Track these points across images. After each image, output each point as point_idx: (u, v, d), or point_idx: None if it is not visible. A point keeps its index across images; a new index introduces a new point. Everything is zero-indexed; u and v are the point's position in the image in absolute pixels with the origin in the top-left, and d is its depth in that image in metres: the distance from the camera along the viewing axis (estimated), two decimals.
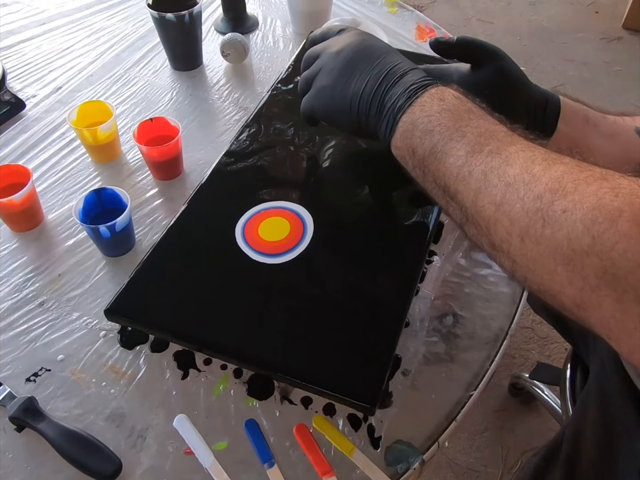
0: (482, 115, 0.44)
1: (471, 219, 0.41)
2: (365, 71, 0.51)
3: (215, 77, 0.88)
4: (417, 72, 0.49)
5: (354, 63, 0.52)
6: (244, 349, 0.52)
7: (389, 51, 0.52)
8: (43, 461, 0.49)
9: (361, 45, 0.52)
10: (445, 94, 0.46)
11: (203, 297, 0.56)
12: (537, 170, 0.37)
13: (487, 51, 0.56)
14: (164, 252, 0.59)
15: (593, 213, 0.32)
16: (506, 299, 0.61)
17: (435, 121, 0.44)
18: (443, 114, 0.44)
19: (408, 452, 0.50)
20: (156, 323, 0.55)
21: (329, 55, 0.54)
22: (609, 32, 2.30)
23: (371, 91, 0.50)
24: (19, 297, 0.60)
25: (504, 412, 1.24)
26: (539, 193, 0.35)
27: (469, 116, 0.44)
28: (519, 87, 0.56)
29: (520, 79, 0.56)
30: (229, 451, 0.50)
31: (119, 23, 0.98)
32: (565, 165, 0.36)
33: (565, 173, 0.35)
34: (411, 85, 0.47)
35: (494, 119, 0.44)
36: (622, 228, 0.31)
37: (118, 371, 0.55)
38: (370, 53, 0.51)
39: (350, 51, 0.52)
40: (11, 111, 0.80)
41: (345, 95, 0.52)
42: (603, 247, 0.31)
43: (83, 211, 0.62)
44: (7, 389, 0.53)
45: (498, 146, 0.40)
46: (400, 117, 0.47)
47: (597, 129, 0.55)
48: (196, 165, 0.74)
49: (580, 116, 0.56)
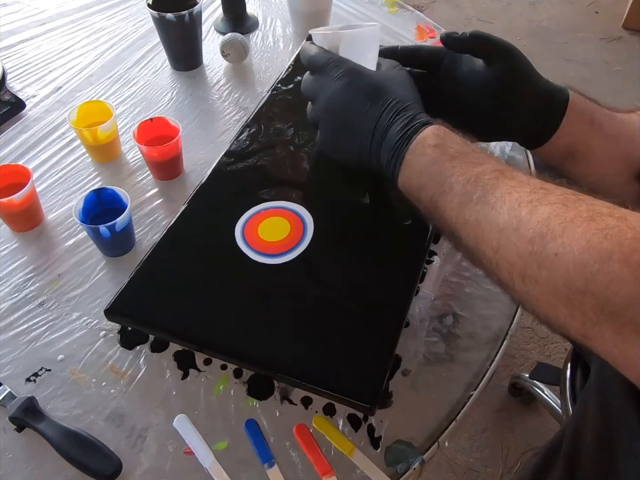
0: (465, 157, 0.46)
1: (478, 260, 0.43)
2: (356, 128, 0.52)
3: (215, 77, 0.88)
4: (401, 118, 0.50)
5: (344, 122, 0.53)
6: (244, 348, 0.52)
7: (374, 90, 0.52)
8: (43, 460, 0.49)
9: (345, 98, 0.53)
10: (426, 148, 0.47)
11: (203, 297, 0.56)
12: (523, 214, 0.38)
13: (499, 49, 0.55)
14: (164, 252, 0.59)
15: (584, 255, 0.33)
16: (506, 299, 0.61)
17: (425, 177, 0.47)
18: (429, 169, 0.46)
19: (408, 452, 0.50)
20: (156, 323, 0.55)
21: (320, 108, 0.55)
22: (609, 32, 2.29)
23: (366, 151, 0.52)
24: (18, 297, 0.60)
25: (504, 412, 1.24)
26: (529, 238, 0.37)
27: (452, 164, 0.45)
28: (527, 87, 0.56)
29: (529, 78, 0.56)
30: (229, 451, 0.50)
31: (118, 22, 0.98)
32: (551, 206, 0.37)
33: (552, 215, 0.37)
34: (395, 143, 0.49)
35: (478, 154, 0.46)
36: (613, 269, 0.32)
37: (118, 371, 0.55)
38: (355, 105, 0.52)
39: (337, 107, 0.53)
40: (11, 111, 0.80)
41: (345, 152, 0.55)
42: (597, 287, 0.32)
43: (83, 211, 0.62)
44: (7, 389, 0.53)
45: (484, 193, 0.42)
46: (396, 175, 0.50)
47: (602, 131, 0.55)
48: (196, 164, 0.74)
49: (585, 116, 0.56)
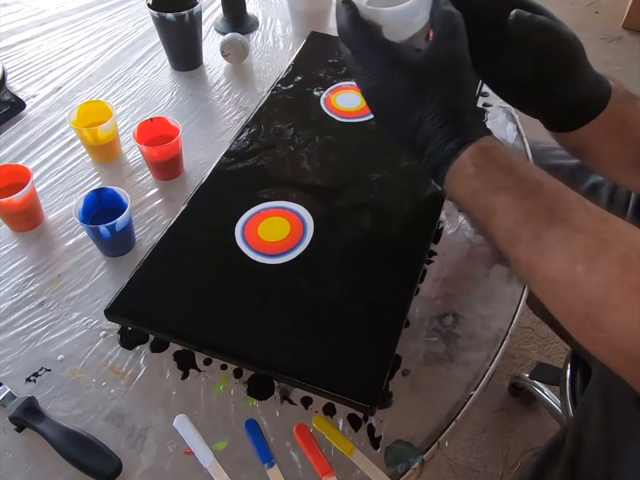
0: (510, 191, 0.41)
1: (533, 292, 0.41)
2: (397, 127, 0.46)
3: (215, 77, 0.88)
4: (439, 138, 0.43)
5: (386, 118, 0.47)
6: (244, 349, 0.52)
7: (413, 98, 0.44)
8: (43, 460, 0.49)
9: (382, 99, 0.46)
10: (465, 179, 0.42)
11: (203, 297, 0.56)
12: (579, 271, 0.35)
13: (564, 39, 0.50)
14: (164, 252, 0.59)
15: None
16: (506, 299, 0.61)
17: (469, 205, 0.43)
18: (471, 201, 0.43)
19: (408, 452, 0.50)
20: (156, 323, 0.55)
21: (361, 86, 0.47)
22: (609, 32, 2.29)
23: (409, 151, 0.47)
24: (18, 297, 0.60)
25: (504, 412, 1.24)
26: (586, 300, 0.35)
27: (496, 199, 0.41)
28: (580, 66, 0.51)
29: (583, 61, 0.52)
30: (229, 451, 0.50)
31: (119, 22, 0.98)
32: (609, 266, 0.34)
33: (611, 279, 0.34)
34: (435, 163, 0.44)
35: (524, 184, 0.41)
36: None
37: (118, 371, 0.55)
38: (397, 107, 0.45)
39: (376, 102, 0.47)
40: (11, 111, 0.80)
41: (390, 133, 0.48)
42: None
43: (83, 211, 0.62)
44: (7, 389, 0.53)
45: (535, 237, 0.38)
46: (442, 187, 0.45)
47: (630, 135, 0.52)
48: (196, 164, 0.74)
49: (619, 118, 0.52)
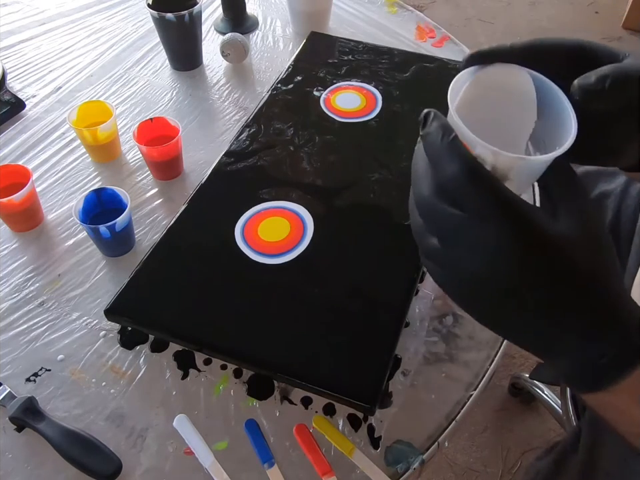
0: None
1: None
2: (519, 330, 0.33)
3: (215, 77, 0.88)
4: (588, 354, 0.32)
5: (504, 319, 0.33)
6: (244, 348, 0.52)
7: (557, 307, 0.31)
8: (43, 460, 0.49)
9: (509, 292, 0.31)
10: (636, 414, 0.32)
11: (203, 297, 0.56)
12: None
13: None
14: (164, 252, 0.59)
15: None
16: None
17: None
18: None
19: (408, 452, 0.50)
20: (156, 323, 0.55)
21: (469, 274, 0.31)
22: (609, 32, 2.29)
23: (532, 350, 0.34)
24: (18, 297, 0.60)
25: (504, 412, 1.24)
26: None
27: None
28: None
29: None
30: (228, 451, 0.50)
31: (118, 22, 0.98)
32: None
33: None
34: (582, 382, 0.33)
35: None
36: None
37: (118, 371, 0.55)
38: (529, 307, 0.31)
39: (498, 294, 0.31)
40: (11, 111, 0.80)
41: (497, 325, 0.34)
42: None
43: (83, 211, 0.62)
44: (7, 389, 0.53)
45: None
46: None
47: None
48: (196, 164, 0.74)
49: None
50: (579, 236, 0.30)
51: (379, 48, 0.85)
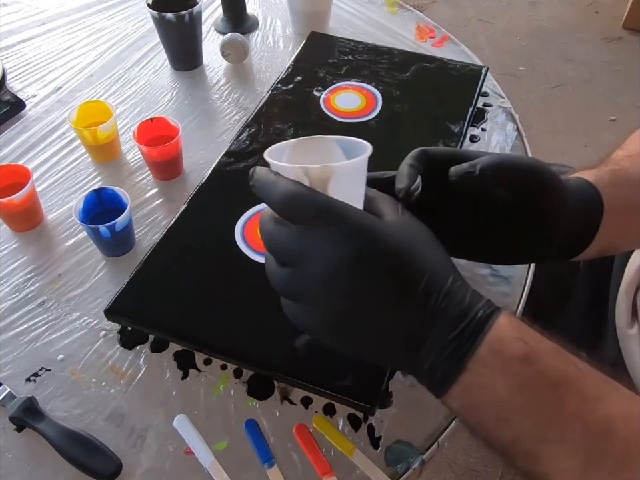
0: (573, 384, 0.31)
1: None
2: (376, 317, 0.34)
3: (215, 77, 0.88)
4: (451, 303, 0.33)
5: (355, 307, 0.34)
6: (244, 348, 0.52)
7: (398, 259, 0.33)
8: (43, 461, 0.49)
9: (357, 272, 0.33)
10: (505, 355, 0.32)
11: (203, 297, 0.56)
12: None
13: (530, 178, 0.42)
14: (164, 252, 0.59)
15: None
16: (506, 299, 0.61)
17: (508, 408, 0.31)
18: (514, 398, 0.31)
19: (408, 452, 0.50)
20: (156, 323, 0.55)
21: (312, 280, 0.34)
22: (609, 32, 2.29)
23: (393, 350, 0.35)
24: (18, 297, 0.60)
25: None
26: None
27: (555, 396, 0.31)
28: (560, 211, 0.43)
29: (562, 202, 0.43)
30: (228, 451, 0.50)
31: (119, 22, 0.98)
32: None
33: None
34: (450, 343, 0.32)
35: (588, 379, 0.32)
36: None
37: (118, 371, 0.55)
38: (374, 283, 0.33)
39: (344, 286, 0.33)
40: (11, 111, 0.80)
41: (357, 346, 0.36)
42: None
43: (83, 211, 0.62)
44: (7, 389, 0.53)
45: (623, 458, 0.29)
46: (448, 389, 0.33)
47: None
48: (196, 164, 0.74)
49: (623, 214, 0.46)
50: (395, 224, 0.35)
51: (378, 48, 0.85)
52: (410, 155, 0.42)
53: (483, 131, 0.77)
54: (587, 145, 1.87)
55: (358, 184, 0.37)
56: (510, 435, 0.32)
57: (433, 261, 0.34)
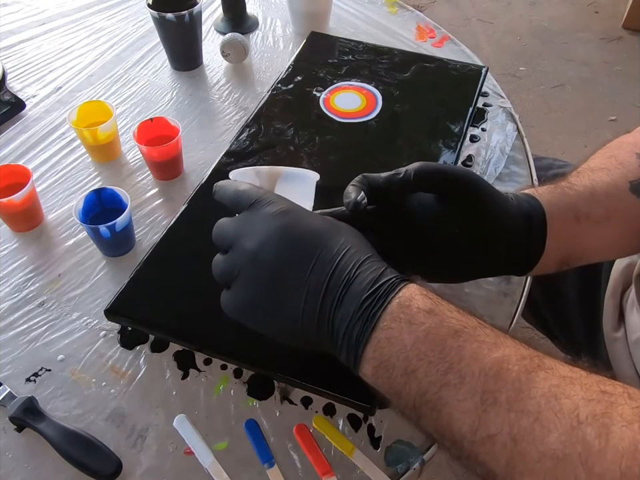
0: (472, 333, 0.34)
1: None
2: (299, 282, 0.38)
3: (215, 76, 0.88)
4: (367, 270, 0.37)
5: (281, 272, 0.38)
6: (244, 348, 0.52)
7: (322, 234, 0.39)
8: (43, 460, 0.49)
9: (284, 240, 0.39)
10: (415, 314, 0.35)
11: (203, 297, 0.56)
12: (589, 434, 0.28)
13: (456, 184, 0.45)
14: (164, 252, 0.59)
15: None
16: (506, 299, 0.61)
17: (414, 358, 0.34)
18: (419, 345, 0.34)
19: (408, 452, 0.50)
20: (156, 323, 0.55)
21: (244, 254, 0.39)
22: (609, 32, 2.29)
23: (313, 314, 0.38)
24: (19, 297, 0.60)
25: None
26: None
27: (457, 342, 0.33)
28: (498, 220, 0.46)
29: (499, 209, 0.46)
30: (228, 451, 0.50)
31: (119, 22, 0.98)
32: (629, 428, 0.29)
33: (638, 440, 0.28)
34: (363, 301, 0.36)
35: (487, 330, 0.34)
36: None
37: (118, 371, 0.55)
38: (299, 250, 0.38)
39: (272, 252, 0.38)
40: (11, 111, 0.80)
41: (280, 317, 0.39)
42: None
43: (83, 211, 0.62)
44: (7, 389, 0.53)
45: (516, 393, 0.31)
46: (362, 351, 0.36)
47: (590, 221, 0.48)
48: (196, 165, 0.74)
49: (570, 220, 0.47)
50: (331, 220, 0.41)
51: (378, 48, 0.85)
52: (352, 181, 0.46)
53: (483, 130, 0.77)
54: (587, 144, 1.87)
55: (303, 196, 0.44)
56: (416, 387, 0.34)
57: (352, 241, 0.39)
